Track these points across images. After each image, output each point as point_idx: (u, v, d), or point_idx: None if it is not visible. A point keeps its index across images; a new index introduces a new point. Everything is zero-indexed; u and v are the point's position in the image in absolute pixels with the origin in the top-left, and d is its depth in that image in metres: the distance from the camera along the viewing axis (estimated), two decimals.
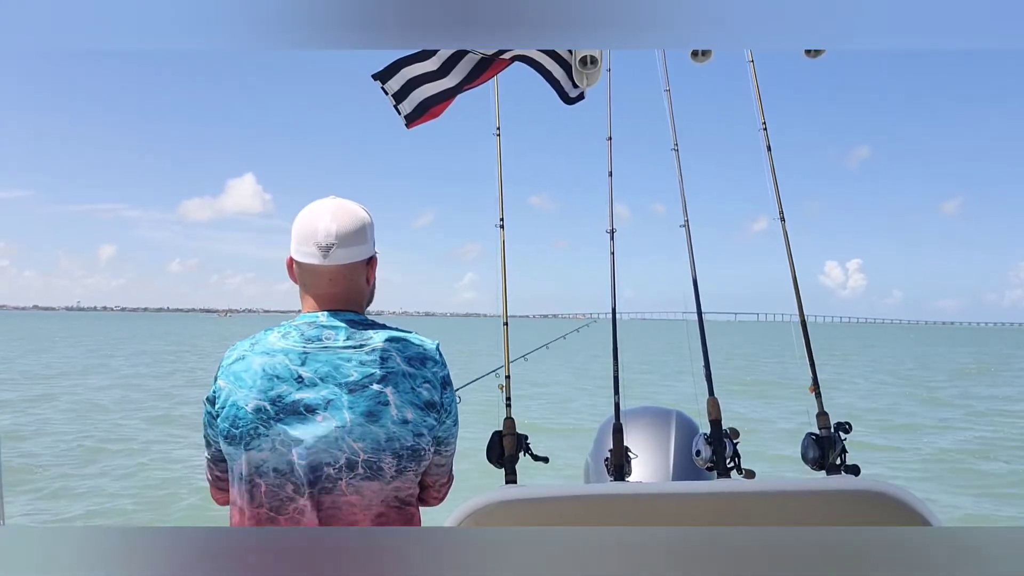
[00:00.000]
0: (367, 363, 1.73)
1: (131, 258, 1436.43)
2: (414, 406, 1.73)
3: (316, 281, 1.81)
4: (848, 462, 2.90)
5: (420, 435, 1.73)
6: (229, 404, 1.71)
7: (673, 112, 3.51)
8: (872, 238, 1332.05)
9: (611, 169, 3.55)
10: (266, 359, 1.73)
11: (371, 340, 1.76)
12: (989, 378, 29.86)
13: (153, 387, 21.57)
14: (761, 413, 16.96)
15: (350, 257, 1.80)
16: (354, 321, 1.79)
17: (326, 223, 1.78)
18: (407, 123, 3.20)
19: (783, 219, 3.18)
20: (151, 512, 8.66)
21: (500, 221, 3.31)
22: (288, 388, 1.69)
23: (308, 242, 1.78)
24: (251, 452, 1.69)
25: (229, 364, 1.77)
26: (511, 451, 3.00)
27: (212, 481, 1.91)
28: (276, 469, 1.68)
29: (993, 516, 8.95)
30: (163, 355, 38.29)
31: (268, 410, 1.68)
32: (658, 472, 3.25)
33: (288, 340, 1.75)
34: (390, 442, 1.69)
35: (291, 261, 1.84)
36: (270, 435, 1.68)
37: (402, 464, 1.71)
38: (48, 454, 11.70)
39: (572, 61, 3.15)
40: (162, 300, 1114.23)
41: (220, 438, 1.74)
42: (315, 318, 1.78)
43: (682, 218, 3.38)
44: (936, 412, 18.27)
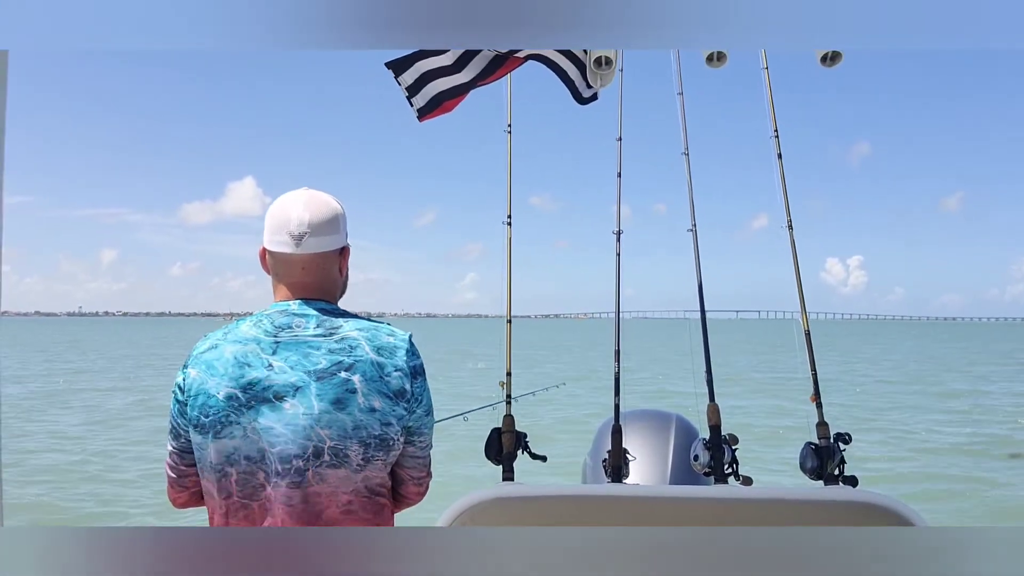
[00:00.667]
0: (336, 351, 1.73)
1: (132, 262, 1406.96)
2: (382, 395, 1.73)
3: (289, 270, 1.82)
4: (846, 473, 2.90)
5: (388, 424, 1.73)
6: (200, 392, 1.71)
7: (685, 116, 3.49)
8: (873, 234, 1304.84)
9: (620, 170, 3.54)
10: (238, 347, 1.73)
11: (341, 328, 1.77)
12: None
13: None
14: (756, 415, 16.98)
15: (322, 246, 1.81)
16: (325, 310, 1.80)
17: (299, 212, 1.79)
18: (419, 116, 3.20)
19: (791, 227, 3.18)
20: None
21: (508, 218, 3.31)
22: (258, 375, 1.69)
23: (281, 231, 1.79)
24: (222, 440, 1.68)
25: (201, 353, 1.76)
26: (509, 449, 3.01)
27: (173, 478, 1.86)
28: (247, 457, 1.68)
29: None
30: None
31: (239, 397, 1.68)
32: (655, 475, 3.26)
33: (259, 328, 1.76)
34: (357, 430, 1.69)
35: (263, 251, 1.85)
36: (241, 423, 1.68)
37: (369, 453, 1.71)
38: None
39: (587, 61, 3.14)
40: (164, 304, 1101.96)
41: (190, 427, 1.73)
42: (287, 306, 1.79)
43: (690, 222, 3.38)
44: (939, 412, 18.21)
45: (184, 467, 1.83)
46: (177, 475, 1.85)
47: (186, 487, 1.85)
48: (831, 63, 3.16)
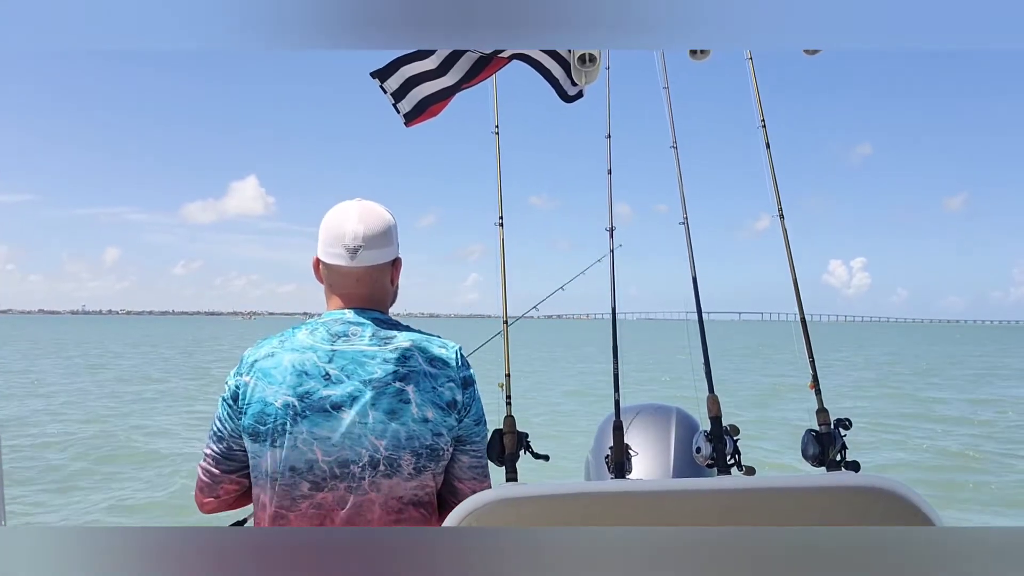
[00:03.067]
0: (390, 361, 1.74)
1: (135, 261, 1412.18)
2: (435, 405, 1.74)
3: (343, 281, 1.83)
4: (848, 458, 2.91)
5: (439, 435, 1.74)
6: (256, 400, 1.71)
7: (672, 110, 3.51)
8: (876, 236, 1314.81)
9: (610, 167, 3.55)
10: (296, 356, 1.74)
11: (395, 339, 1.78)
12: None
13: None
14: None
15: (376, 259, 1.82)
16: (379, 320, 1.81)
17: (353, 225, 1.80)
18: (406, 122, 3.20)
19: (782, 216, 3.19)
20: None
21: (499, 220, 3.31)
22: (316, 384, 1.71)
23: (336, 244, 1.80)
24: (276, 449, 1.69)
25: (257, 360, 1.76)
26: (511, 449, 3.00)
27: (206, 482, 1.85)
28: (297, 467, 1.69)
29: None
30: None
31: (296, 406, 1.69)
32: (658, 469, 3.26)
33: (316, 337, 1.77)
34: (410, 440, 1.71)
35: (317, 262, 1.86)
36: (294, 432, 1.69)
37: (420, 463, 1.72)
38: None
39: (571, 59, 3.15)
40: (167, 303, 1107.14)
41: (245, 435, 1.73)
42: (342, 315, 1.80)
43: (681, 216, 3.39)
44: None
45: (219, 472, 1.83)
46: (211, 479, 1.84)
47: (217, 495, 1.85)
48: (812, 52, 3.17)
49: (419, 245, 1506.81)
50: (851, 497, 2.53)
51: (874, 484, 2.52)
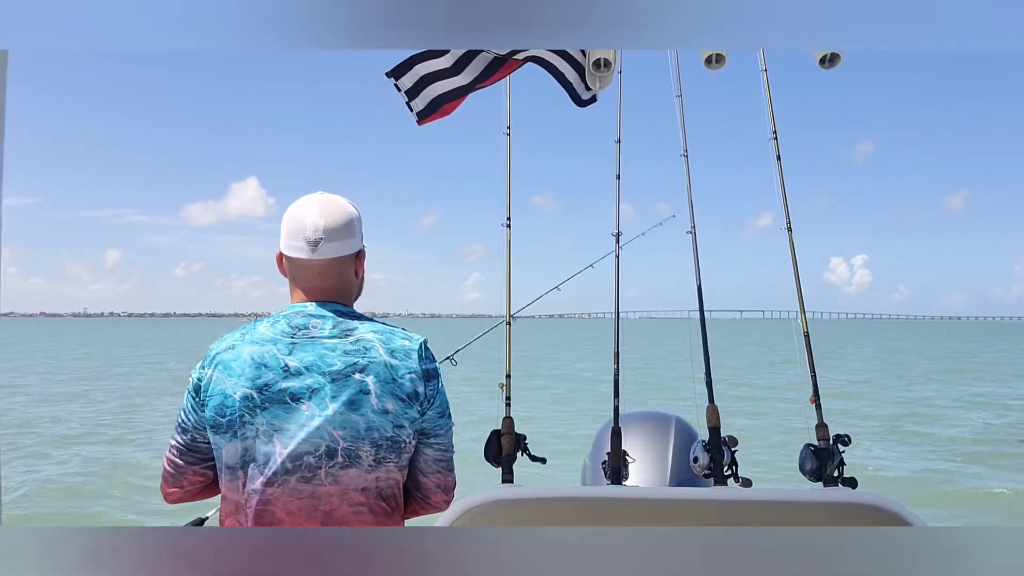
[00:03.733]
0: (351, 352, 1.74)
1: (136, 263, 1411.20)
2: (395, 397, 1.74)
3: (305, 275, 1.83)
4: (846, 474, 2.91)
5: (400, 426, 1.74)
6: (216, 392, 1.72)
7: (684, 119, 3.50)
8: (877, 233, 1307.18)
9: (619, 172, 3.54)
10: (255, 348, 1.74)
11: (356, 330, 1.78)
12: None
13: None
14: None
15: (338, 251, 1.82)
16: (341, 312, 1.81)
17: (314, 218, 1.80)
18: (419, 120, 3.20)
19: (790, 229, 3.19)
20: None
21: (507, 220, 3.32)
22: (275, 376, 1.71)
23: (297, 237, 1.81)
24: (235, 441, 1.70)
25: (218, 353, 1.78)
26: (509, 450, 3.01)
27: (171, 472, 1.86)
28: (256, 459, 1.69)
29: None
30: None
31: (255, 398, 1.70)
32: (655, 477, 3.26)
33: (276, 329, 1.77)
34: (369, 431, 1.71)
35: (280, 255, 1.87)
36: (255, 423, 1.69)
37: (380, 454, 1.72)
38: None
39: (585, 64, 3.15)
40: (168, 305, 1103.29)
41: (207, 427, 1.75)
42: (303, 307, 1.81)
43: (689, 224, 3.39)
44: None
45: (183, 463, 1.84)
46: (175, 470, 1.85)
47: (181, 485, 1.86)
48: (829, 65, 3.16)
49: (420, 245, 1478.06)
50: (846, 513, 2.54)
51: (869, 501, 2.52)
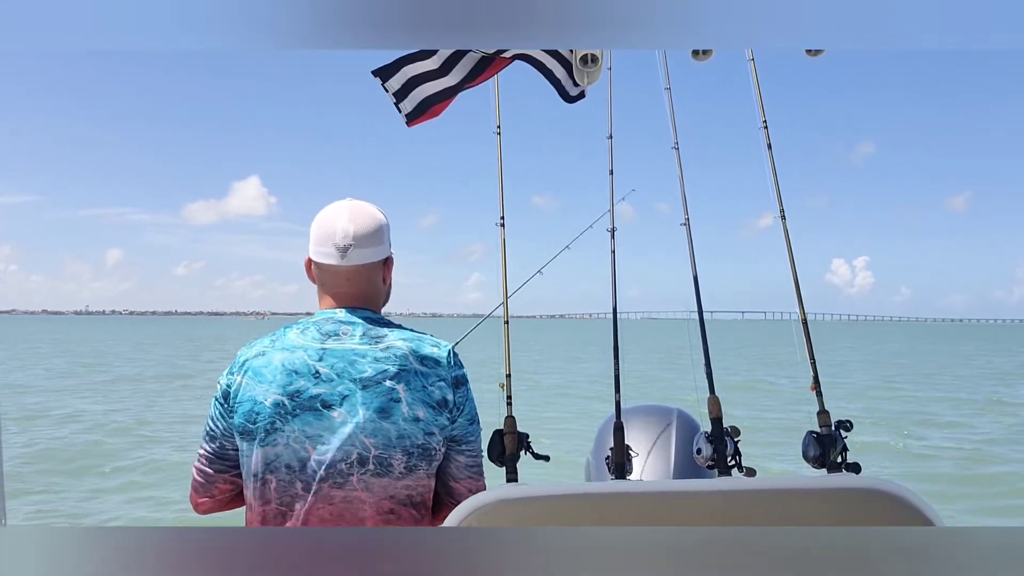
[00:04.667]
0: (381, 360, 1.74)
1: (137, 262, 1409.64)
2: (426, 404, 1.74)
3: (334, 281, 1.84)
4: (849, 460, 2.91)
5: (431, 434, 1.74)
6: (246, 399, 1.72)
7: (674, 110, 3.50)
8: (879, 235, 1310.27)
9: (612, 168, 3.55)
10: (286, 355, 1.74)
11: (386, 338, 1.78)
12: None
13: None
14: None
15: (367, 258, 1.83)
16: (371, 319, 1.82)
17: (344, 224, 1.80)
18: (408, 122, 3.20)
19: (783, 216, 3.19)
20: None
21: (501, 220, 3.31)
22: (306, 383, 1.71)
23: (326, 243, 1.81)
24: (266, 448, 1.70)
25: (248, 360, 1.77)
26: (512, 450, 3.00)
27: (200, 482, 1.86)
28: (288, 465, 1.69)
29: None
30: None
31: (286, 405, 1.70)
32: (659, 470, 3.26)
33: (306, 336, 1.77)
34: (400, 439, 1.71)
35: (309, 262, 1.87)
36: (285, 431, 1.69)
37: (412, 462, 1.72)
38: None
39: (573, 60, 3.15)
40: (170, 303, 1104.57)
41: (235, 434, 1.74)
42: (333, 314, 1.81)
43: (682, 216, 3.39)
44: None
45: (213, 471, 1.83)
46: (204, 479, 1.85)
47: (212, 495, 1.85)
48: (815, 54, 3.17)
49: (420, 245, 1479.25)
50: (852, 499, 2.53)
51: (875, 486, 2.51)
